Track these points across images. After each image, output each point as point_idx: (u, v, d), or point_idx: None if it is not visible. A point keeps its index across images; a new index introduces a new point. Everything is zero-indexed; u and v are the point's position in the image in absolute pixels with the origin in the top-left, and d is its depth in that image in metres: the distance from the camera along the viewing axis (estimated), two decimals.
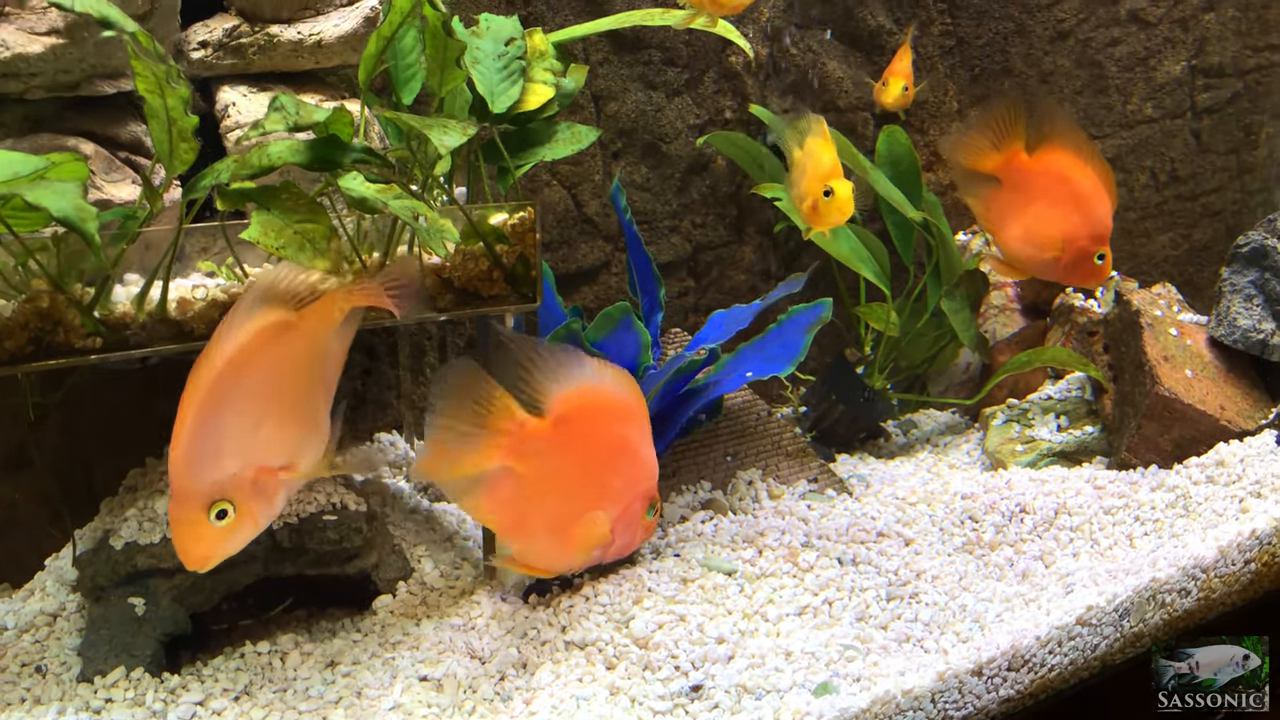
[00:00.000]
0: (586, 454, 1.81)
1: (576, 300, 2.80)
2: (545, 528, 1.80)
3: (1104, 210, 2.53)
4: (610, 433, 1.84)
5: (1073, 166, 2.55)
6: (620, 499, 1.83)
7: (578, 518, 1.80)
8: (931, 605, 1.98)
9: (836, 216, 2.26)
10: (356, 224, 1.87)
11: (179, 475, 1.49)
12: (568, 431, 1.77)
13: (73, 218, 1.49)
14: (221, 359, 1.52)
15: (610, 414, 1.84)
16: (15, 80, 1.75)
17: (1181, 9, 3.39)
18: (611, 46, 2.77)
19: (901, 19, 3.12)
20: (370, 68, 1.87)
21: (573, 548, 1.82)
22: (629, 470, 1.85)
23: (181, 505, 1.50)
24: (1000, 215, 2.59)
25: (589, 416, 1.81)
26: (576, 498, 1.81)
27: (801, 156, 2.10)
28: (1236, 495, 2.31)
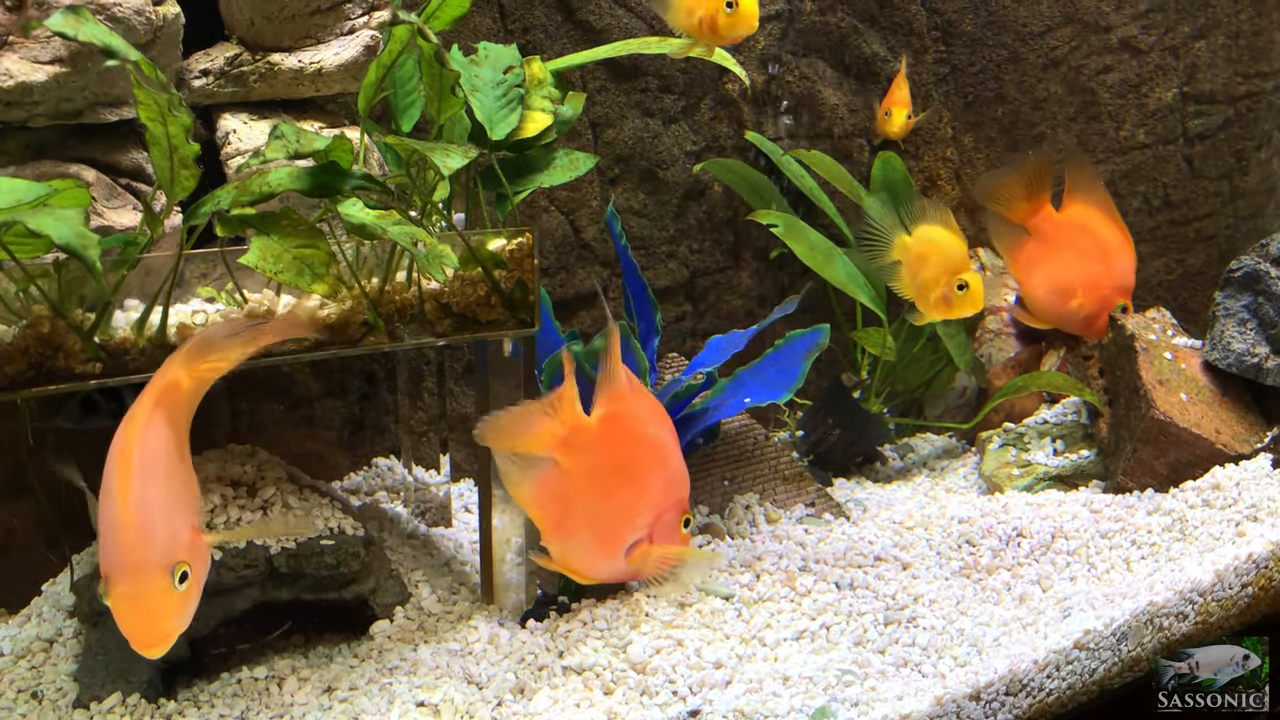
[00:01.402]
0: (627, 454, 1.87)
1: (574, 325, 2.81)
2: (585, 528, 1.85)
3: (1127, 264, 2.63)
4: (650, 436, 1.90)
5: (1098, 222, 2.66)
6: (657, 504, 1.87)
7: (616, 520, 1.84)
8: (929, 629, 1.98)
9: (970, 309, 2.35)
10: (355, 250, 1.88)
11: (134, 544, 1.34)
12: (611, 430, 1.85)
13: (74, 245, 1.50)
14: (146, 419, 1.45)
15: (649, 418, 1.91)
16: (19, 108, 1.76)
17: (1172, 37, 3.43)
18: (609, 74, 2.80)
19: (896, 47, 3.15)
20: (370, 95, 1.89)
21: (609, 551, 1.86)
22: (665, 475, 1.90)
23: (142, 576, 1.35)
24: (1027, 264, 2.71)
25: (630, 418, 1.88)
26: (616, 498, 1.86)
27: (917, 243, 2.14)
28: (1233, 519, 2.31)
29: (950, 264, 2.18)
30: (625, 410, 1.88)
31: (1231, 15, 3.49)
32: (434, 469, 2.63)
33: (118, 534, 1.35)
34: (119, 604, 1.35)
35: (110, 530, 1.36)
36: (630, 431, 1.88)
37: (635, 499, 1.86)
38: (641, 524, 1.86)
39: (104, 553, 1.36)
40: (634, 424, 1.89)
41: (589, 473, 1.83)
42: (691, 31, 2.08)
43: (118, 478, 1.38)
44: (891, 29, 3.15)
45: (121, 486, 1.37)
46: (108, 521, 1.36)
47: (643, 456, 1.88)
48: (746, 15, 2.02)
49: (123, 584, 1.34)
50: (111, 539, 1.35)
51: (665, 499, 1.87)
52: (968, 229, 3.36)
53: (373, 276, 1.89)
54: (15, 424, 1.87)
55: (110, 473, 1.39)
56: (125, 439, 1.42)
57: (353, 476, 2.60)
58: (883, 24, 3.15)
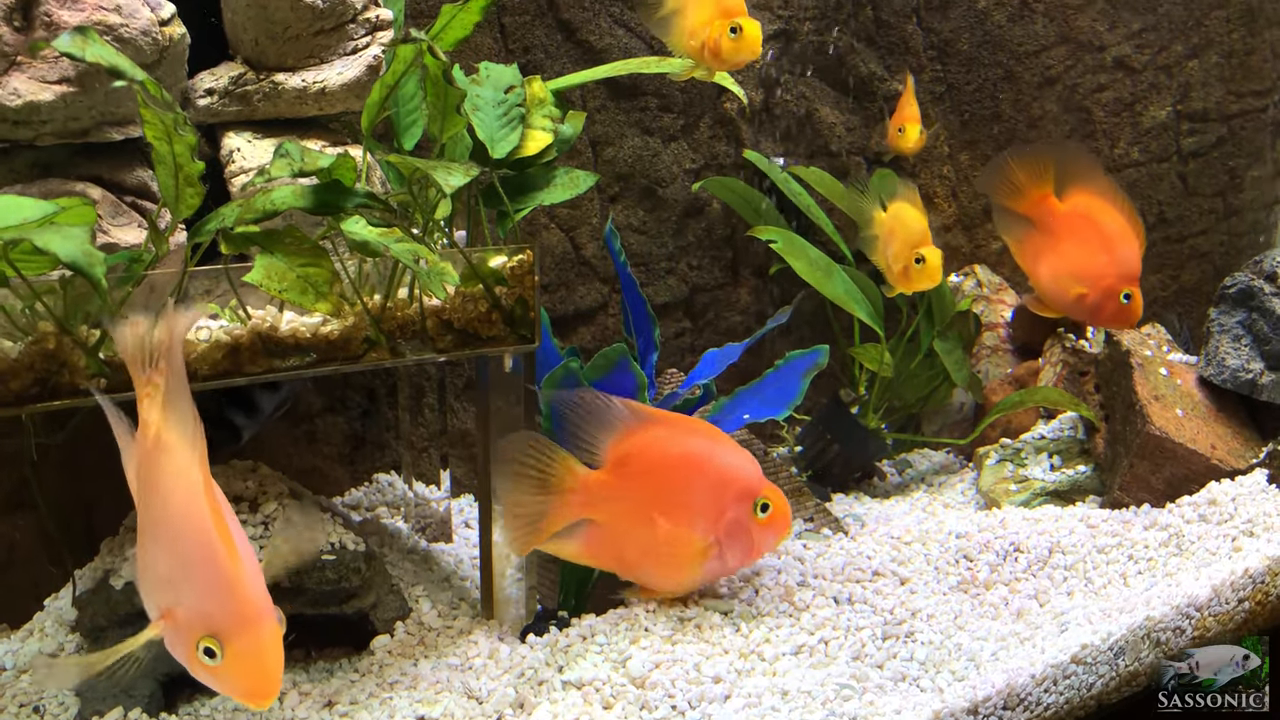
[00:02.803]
0: (653, 486, 1.92)
1: (574, 341, 2.83)
2: (646, 560, 1.92)
3: (1130, 252, 2.63)
4: (669, 458, 1.94)
5: (1100, 210, 2.67)
6: (709, 511, 1.92)
7: (666, 543, 1.90)
8: (927, 644, 1.99)
9: (927, 282, 2.41)
10: (358, 267, 1.90)
11: (251, 598, 1.29)
12: (628, 473, 1.90)
13: (80, 263, 1.52)
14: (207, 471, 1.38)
15: (664, 441, 1.94)
16: (26, 127, 1.78)
17: (1165, 56, 3.46)
18: (608, 93, 2.82)
19: (893, 66, 3.18)
20: (373, 115, 1.91)
21: (679, 568, 1.93)
22: (701, 484, 1.93)
23: (260, 629, 1.30)
24: (1032, 255, 2.73)
25: (643, 452, 1.92)
26: (661, 526, 1.91)
27: (888, 218, 2.19)
28: (1229, 534, 2.33)
29: (911, 238, 2.23)
30: (635, 449, 1.92)
31: (1224, 34, 3.52)
32: (434, 484, 2.64)
33: (235, 591, 1.29)
34: (239, 661, 1.29)
35: (222, 589, 1.29)
36: (647, 464, 1.92)
37: (681, 518, 1.90)
38: (702, 533, 1.92)
39: (210, 612, 1.29)
40: (648, 458, 1.93)
41: (622, 517, 1.90)
42: (694, 56, 2.09)
43: (219, 536, 1.30)
44: (888, 48, 3.18)
45: (228, 544, 1.30)
46: (216, 580, 1.29)
47: (667, 483, 1.92)
48: (750, 41, 2.03)
49: (241, 640, 1.28)
50: (226, 597, 1.29)
51: (717, 504, 1.92)
52: (964, 246, 3.38)
53: (375, 293, 1.91)
54: (18, 440, 1.88)
55: (202, 530, 1.30)
56: (203, 495, 1.33)
57: (354, 492, 2.61)
58: (880, 43, 3.18)
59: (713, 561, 1.96)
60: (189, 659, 1.30)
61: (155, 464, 1.35)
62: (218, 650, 1.27)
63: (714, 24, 2.03)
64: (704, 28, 2.04)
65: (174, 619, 1.30)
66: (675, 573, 1.94)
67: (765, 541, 2.00)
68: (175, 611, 1.30)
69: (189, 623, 1.28)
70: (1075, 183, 2.73)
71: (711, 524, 1.93)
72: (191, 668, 1.32)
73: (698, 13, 2.06)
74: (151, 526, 1.34)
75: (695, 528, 1.92)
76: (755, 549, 1.99)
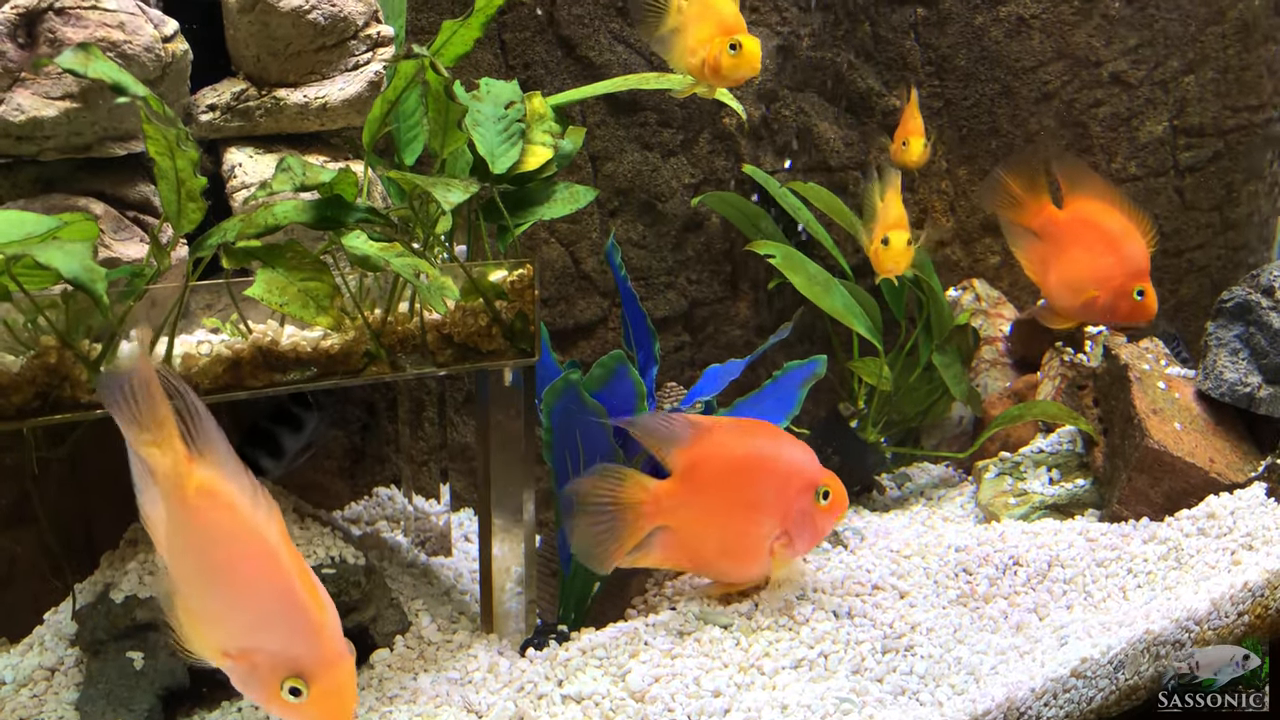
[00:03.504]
0: (716, 490, 2.04)
1: (574, 355, 2.84)
2: (718, 555, 2.05)
3: (1135, 249, 2.64)
4: (728, 463, 2.05)
5: (1099, 212, 2.68)
6: (777, 504, 2.04)
7: (739, 539, 2.03)
8: (926, 658, 1.99)
9: (890, 266, 2.62)
10: (359, 281, 1.91)
11: (333, 638, 1.35)
12: (697, 479, 2.03)
13: (82, 278, 1.53)
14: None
15: (726, 444, 2.06)
16: (30, 142, 1.79)
17: (1161, 71, 3.49)
18: (608, 109, 2.84)
19: (891, 81, 3.20)
20: (374, 130, 1.93)
21: (752, 561, 2.05)
22: (767, 480, 2.06)
23: (341, 667, 1.35)
24: (1040, 265, 2.74)
25: (709, 459, 2.04)
26: (728, 525, 2.04)
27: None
28: (1228, 547, 2.33)
29: (885, 222, 2.24)
30: (700, 454, 2.03)
31: (1220, 50, 3.54)
32: (434, 498, 2.64)
33: (321, 635, 1.34)
34: (324, 698, 1.34)
35: (310, 633, 1.35)
36: (714, 469, 2.03)
37: (748, 519, 2.03)
38: (770, 528, 2.04)
39: (299, 655, 1.34)
40: (715, 460, 2.04)
41: (694, 521, 2.02)
42: (694, 73, 2.11)
43: (303, 583, 1.35)
44: (886, 64, 3.20)
45: (311, 590, 1.36)
46: (304, 625, 1.34)
47: (735, 483, 2.04)
48: (750, 57, 2.05)
49: (326, 679, 1.34)
50: (314, 641, 1.34)
51: (783, 496, 2.04)
52: (962, 260, 3.40)
53: (376, 307, 1.92)
54: (19, 453, 1.89)
55: (285, 577, 1.35)
56: (278, 542, 1.36)
57: (354, 506, 2.61)
58: (878, 59, 3.20)
59: (785, 550, 2.08)
60: (268, 697, 1.37)
61: (202, 514, 1.36)
62: (303, 689, 1.34)
63: (714, 41, 2.05)
64: (704, 45, 2.06)
65: (252, 660, 1.36)
66: (749, 565, 2.07)
67: (827, 525, 2.13)
68: (255, 655, 1.35)
69: (273, 665, 1.35)
70: (1072, 189, 2.74)
71: (780, 517, 2.04)
72: (269, 705, 1.38)
73: (697, 30, 2.08)
74: (205, 574, 1.38)
75: (764, 523, 2.04)
76: (820, 533, 2.12)
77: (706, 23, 2.07)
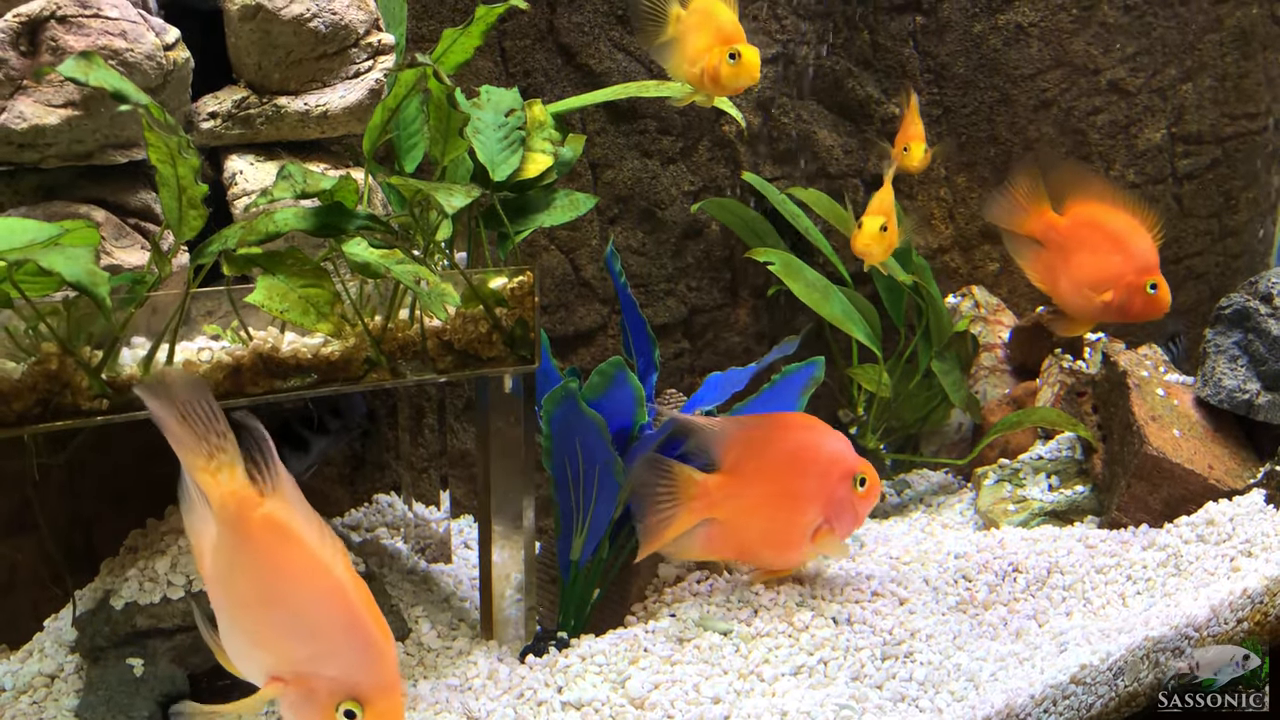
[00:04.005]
0: (764, 483, 2.11)
1: (573, 361, 2.84)
2: (762, 544, 2.14)
3: (1142, 244, 2.65)
4: (777, 452, 2.13)
5: (1100, 212, 2.68)
6: (818, 493, 2.12)
7: (784, 529, 2.10)
8: (926, 664, 1.99)
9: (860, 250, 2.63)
10: (359, 288, 1.92)
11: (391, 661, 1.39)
12: (742, 472, 2.10)
13: (85, 283, 1.53)
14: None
15: (769, 439, 2.14)
16: (31, 150, 1.80)
17: (1160, 79, 3.50)
18: (608, 116, 2.85)
19: (890, 89, 3.21)
20: (375, 137, 1.93)
21: (795, 549, 2.14)
22: (811, 471, 2.14)
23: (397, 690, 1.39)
24: (1048, 274, 2.75)
25: (754, 453, 2.12)
26: (775, 516, 2.12)
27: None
28: (1227, 554, 2.33)
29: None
30: (745, 449, 2.10)
31: (1217, 58, 3.56)
32: (434, 505, 2.65)
33: (381, 661, 1.37)
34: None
35: (370, 659, 1.37)
36: (762, 465, 2.11)
37: (794, 509, 2.11)
38: (813, 516, 2.11)
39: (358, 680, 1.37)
40: (760, 454, 2.12)
41: (741, 513, 2.09)
42: (693, 82, 2.12)
43: (366, 611, 1.38)
44: (885, 72, 3.21)
45: (375, 616, 1.38)
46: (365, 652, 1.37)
47: (783, 475, 2.12)
48: (749, 67, 2.06)
49: (382, 703, 1.37)
50: (373, 666, 1.37)
51: (825, 486, 2.12)
52: (961, 267, 3.40)
53: (376, 314, 1.92)
54: (20, 460, 1.89)
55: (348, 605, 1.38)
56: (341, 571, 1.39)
57: (353, 512, 2.61)
58: (877, 67, 3.21)
59: (826, 536, 2.16)
60: (321, 717, 1.39)
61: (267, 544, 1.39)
62: (359, 712, 1.37)
63: (713, 50, 2.06)
64: (703, 54, 2.07)
65: (309, 685, 1.38)
66: (791, 553, 2.15)
67: (865, 510, 2.21)
68: (313, 680, 1.38)
69: (331, 689, 1.37)
70: (1070, 192, 2.74)
71: (822, 506, 2.12)
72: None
73: (697, 39, 2.09)
74: (264, 602, 1.40)
75: (808, 512, 2.11)
76: (859, 518, 2.19)
77: (705, 32, 2.08)
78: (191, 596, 1.89)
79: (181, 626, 1.87)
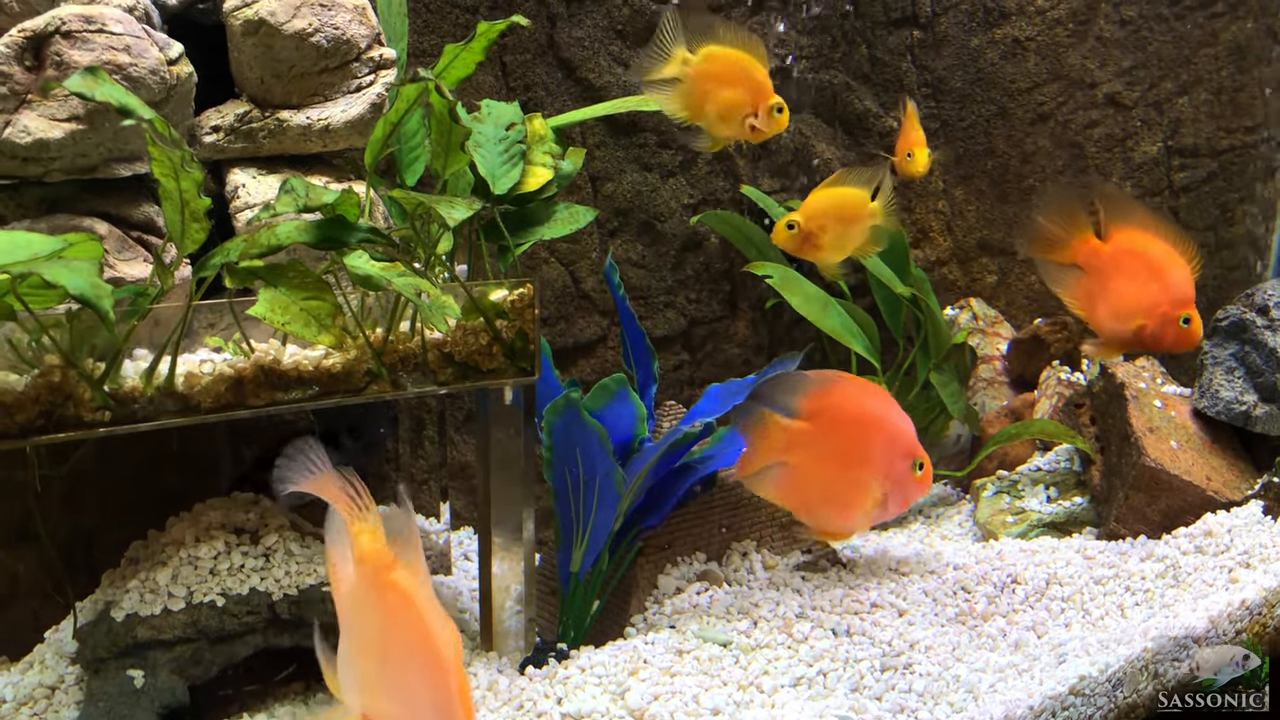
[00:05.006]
0: (839, 437, 2.22)
1: (574, 373, 2.85)
2: (824, 501, 2.23)
3: (1180, 276, 2.66)
4: (854, 414, 2.23)
5: (1143, 240, 2.69)
6: (881, 463, 2.22)
7: (847, 488, 2.19)
8: (925, 676, 1.99)
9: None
10: (361, 300, 1.93)
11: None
12: (820, 425, 2.21)
13: (89, 295, 1.54)
14: None
15: (850, 400, 2.24)
16: (36, 164, 1.81)
17: (1156, 93, 3.52)
18: (608, 130, 2.87)
19: (888, 103, 3.23)
20: (377, 151, 1.95)
21: (851, 513, 2.22)
22: (881, 438, 2.23)
23: None
24: (1087, 299, 2.75)
25: (834, 409, 2.23)
26: (845, 475, 2.21)
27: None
28: (1225, 565, 2.34)
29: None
30: (826, 405, 2.21)
31: (1213, 71, 3.58)
32: (434, 517, 2.65)
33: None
34: None
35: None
36: (839, 420, 2.22)
37: (860, 470, 2.20)
38: (875, 485, 2.19)
39: None
40: (841, 412, 2.23)
41: (811, 463, 2.21)
42: (720, 132, 2.25)
43: (457, 686, 1.40)
44: (883, 86, 3.24)
45: (464, 696, 1.40)
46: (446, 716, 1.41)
47: (857, 435, 2.22)
48: (785, 119, 2.25)
49: None
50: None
51: (889, 457, 2.22)
52: (959, 280, 3.42)
53: (377, 326, 1.93)
54: (22, 471, 1.90)
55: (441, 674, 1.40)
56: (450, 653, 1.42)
57: None
58: (874, 81, 3.24)
59: (877, 509, 2.23)
60: None
61: (391, 607, 1.45)
62: None
63: (761, 105, 2.19)
64: (739, 108, 2.20)
65: None
66: (848, 517, 2.24)
67: (915, 495, 2.29)
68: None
69: None
70: (1115, 219, 2.75)
71: (884, 476, 2.21)
72: None
73: (729, 93, 2.20)
74: (378, 656, 1.46)
75: (873, 479, 2.20)
76: (907, 501, 2.27)
77: (739, 86, 2.19)
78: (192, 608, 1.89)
79: (182, 638, 1.87)
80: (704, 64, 2.19)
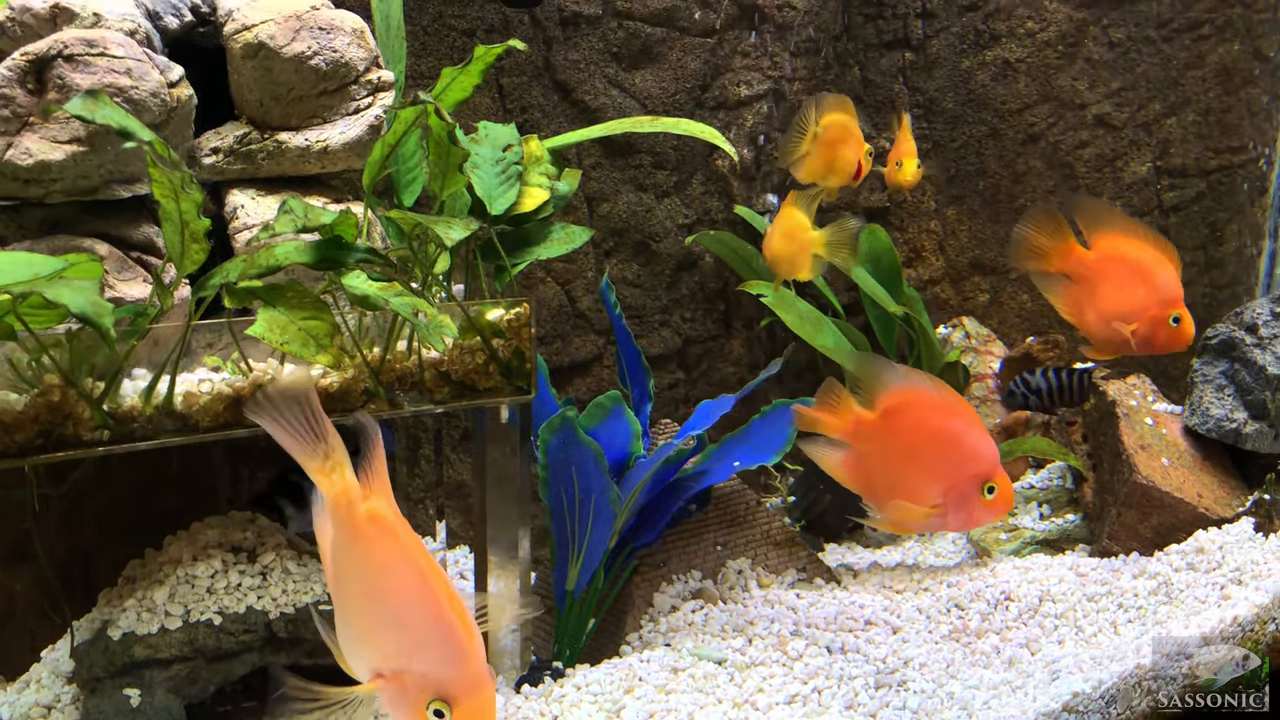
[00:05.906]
0: (908, 440, 2.17)
1: (570, 392, 2.87)
2: (884, 496, 2.19)
3: (1166, 277, 2.68)
4: (929, 423, 2.18)
5: (1127, 245, 2.72)
6: (945, 479, 2.15)
7: (908, 494, 2.16)
8: (919, 693, 2.00)
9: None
10: (358, 320, 1.94)
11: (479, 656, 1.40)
12: (892, 421, 2.17)
13: (90, 314, 1.56)
14: None
15: (928, 408, 2.19)
16: (37, 185, 1.83)
17: (1145, 114, 3.56)
18: (603, 151, 2.89)
19: (880, 124, 3.27)
20: (374, 172, 1.97)
21: (906, 517, 2.19)
22: (952, 455, 2.17)
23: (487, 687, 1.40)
24: (1076, 307, 2.78)
25: (909, 410, 2.18)
26: (904, 474, 2.17)
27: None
28: (1217, 582, 2.35)
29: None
30: (903, 404, 2.17)
31: (1201, 93, 3.62)
32: (430, 536, 2.65)
33: (469, 661, 1.39)
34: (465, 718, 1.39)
35: (458, 659, 1.39)
36: (908, 423, 2.17)
37: (922, 477, 2.15)
38: (933, 496, 2.13)
39: (445, 678, 1.39)
40: (912, 417, 2.18)
41: (875, 455, 2.18)
42: (831, 184, 2.51)
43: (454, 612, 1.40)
44: (875, 107, 3.27)
45: (463, 619, 1.40)
46: (453, 652, 1.39)
47: (926, 443, 2.17)
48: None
49: (469, 703, 1.38)
50: (461, 666, 1.39)
51: (956, 475, 2.16)
52: (952, 299, 3.44)
53: (374, 346, 1.95)
54: (21, 491, 1.90)
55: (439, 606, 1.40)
56: (435, 573, 1.42)
57: None
58: (867, 102, 3.27)
59: (934, 519, 2.18)
60: (414, 715, 1.41)
61: (370, 540, 1.43)
62: (447, 711, 1.38)
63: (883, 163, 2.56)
64: (852, 164, 2.52)
65: (402, 682, 1.40)
66: (902, 520, 2.20)
67: (984, 518, 2.22)
68: (404, 676, 1.40)
69: (421, 686, 1.39)
70: (1095, 227, 2.79)
71: (943, 491, 2.15)
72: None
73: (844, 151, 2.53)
74: (368, 597, 1.44)
75: (929, 491, 2.15)
76: (973, 522, 2.20)
77: (850, 143, 2.52)
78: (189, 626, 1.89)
79: (179, 657, 1.88)
80: (825, 132, 2.50)
